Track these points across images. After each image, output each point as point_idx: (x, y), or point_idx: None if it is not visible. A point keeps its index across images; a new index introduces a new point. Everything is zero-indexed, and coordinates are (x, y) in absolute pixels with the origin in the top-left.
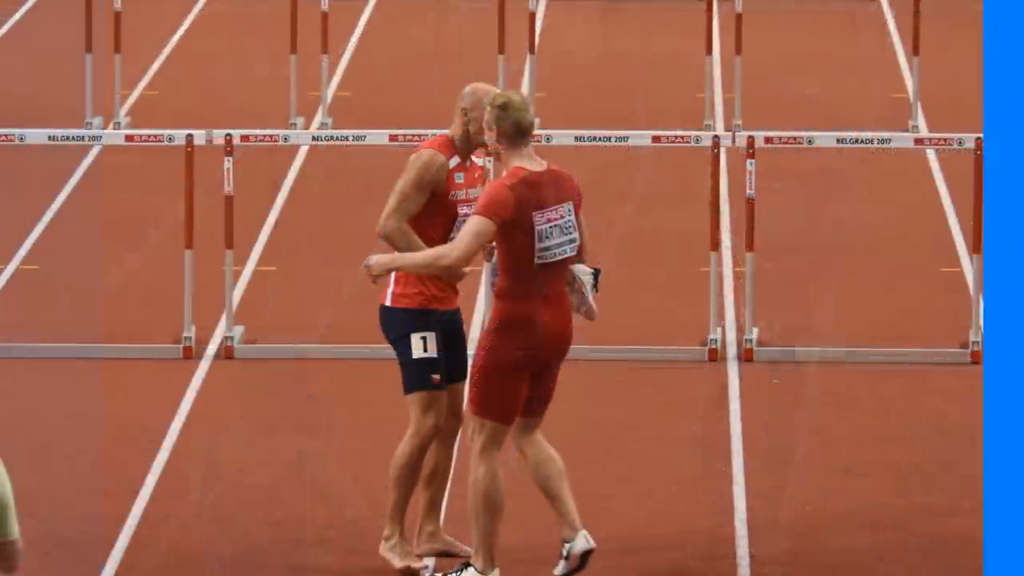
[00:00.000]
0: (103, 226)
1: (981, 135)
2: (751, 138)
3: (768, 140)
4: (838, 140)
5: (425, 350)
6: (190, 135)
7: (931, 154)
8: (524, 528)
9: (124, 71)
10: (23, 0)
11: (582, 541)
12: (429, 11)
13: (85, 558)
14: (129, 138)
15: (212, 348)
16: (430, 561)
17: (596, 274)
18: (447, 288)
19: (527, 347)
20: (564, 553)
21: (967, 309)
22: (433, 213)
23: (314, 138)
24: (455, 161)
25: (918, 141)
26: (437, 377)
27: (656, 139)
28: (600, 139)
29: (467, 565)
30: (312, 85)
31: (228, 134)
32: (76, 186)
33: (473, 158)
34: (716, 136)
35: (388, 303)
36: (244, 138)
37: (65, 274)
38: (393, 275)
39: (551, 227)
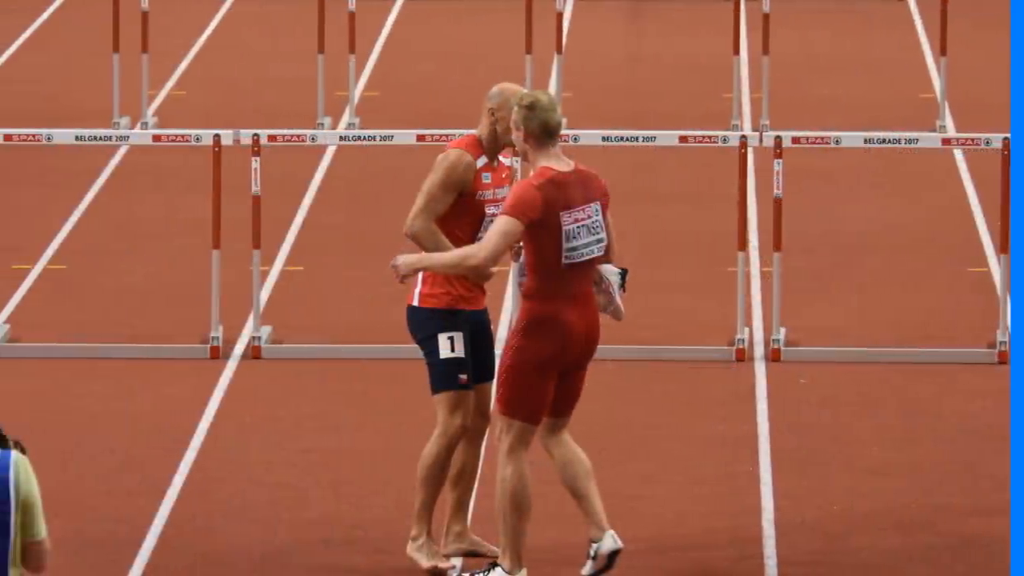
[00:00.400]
0: (130, 226)
1: (1008, 135)
2: (778, 138)
3: (795, 140)
4: (865, 140)
5: (452, 350)
6: (217, 135)
7: (958, 154)
8: (551, 528)
9: (151, 71)
10: (51, 0)
11: (609, 541)
12: (456, 11)
13: (112, 558)
14: (156, 138)
15: (239, 348)
16: (457, 561)
17: (623, 274)
18: (475, 288)
19: (554, 347)
20: (591, 553)
21: (994, 309)
22: (460, 213)
23: (341, 138)
24: (482, 161)
25: (945, 141)
26: (464, 377)
27: (683, 139)
28: (627, 139)
29: (494, 565)
30: (339, 85)
31: (255, 134)
32: (103, 186)
33: (500, 158)
34: (743, 136)
35: (416, 303)
36: (271, 138)
37: (92, 274)
38: (421, 275)
39: (578, 227)
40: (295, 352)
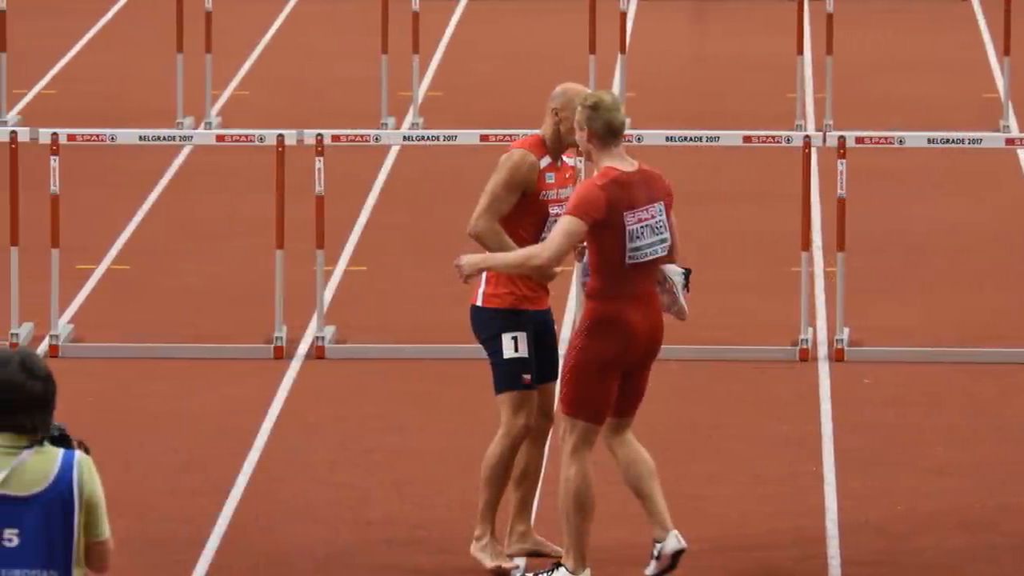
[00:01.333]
0: (193, 226)
1: None
2: (842, 138)
3: (859, 140)
4: (929, 140)
5: (516, 350)
6: (281, 135)
7: (1022, 154)
8: (615, 528)
9: (215, 71)
10: (114, 0)
11: (673, 541)
12: (520, 11)
13: (176, 558)
14: (220, 138)
15: (303, 348)
16: (521, 561)
17: (687, 274)
18: (538, 288)
19: (618, 347)
20: (655, 553)
21: None
22: (524, 213)
23: (405, 138)
24: (546, 161)
25: (1009, 141)
26: (528, 377)
27: (747, 139)
28: (691, 139)
29: (558, 565)
30: (403, 85)
31: (319, 134)
32: (167, 186)
33: (564, 158)
34: (807, 136)
35: (479, 303)
36: (335, 138)
37: (156, 274)
38: (484, 275)
39: (642, 227)
40: (359, 352)
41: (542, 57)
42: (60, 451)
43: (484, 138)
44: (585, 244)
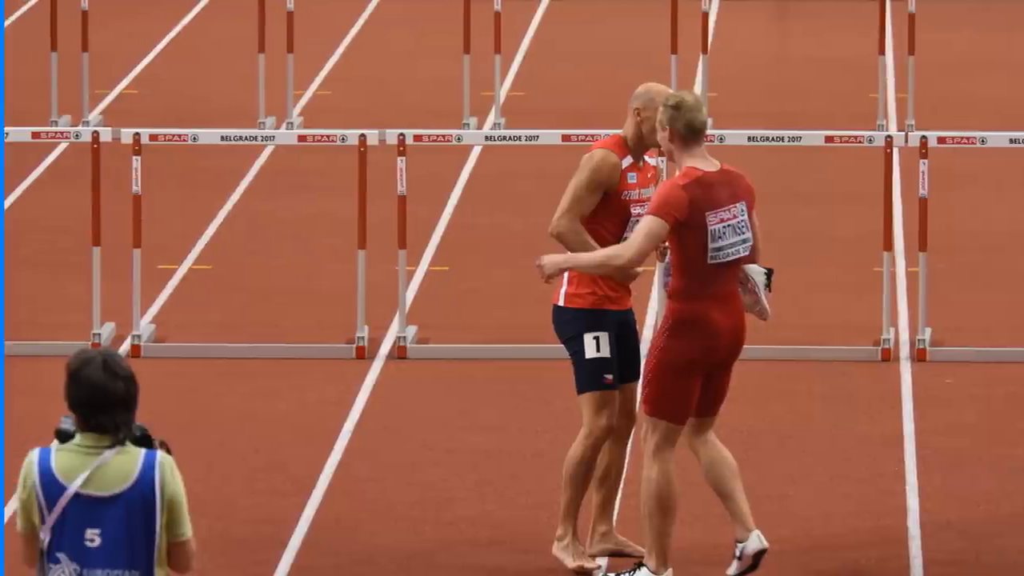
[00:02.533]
0: (275, 226)
1: None
2: (924, 138)
3: (941, 140)
4: (1011, 140)
5: (598, 350)
6: (363, 135)
7: None
8: (697, 528)
9: (297, 71)
10: (196, 0)
11: (755, 541)
12: (602, 11)
13: (258, 558)
14: (302, 138)
15: (385, 348)
16: (603, 561)
17: (769, 274)
18: (620, 288)
19: (700, 347)
20: (737, 553)
21: None
22: (606, 213)
23: (487, 138)
24: (628, 161)
25: None
26: (610, 377)
27: (829, 139)
28: (773, 139)
29: (640, 565)
30: (485, 85)
31: (401, 134)
32: (249, 186)
33: (646, 158)
34: (889, 136)
35: (561, 303)
36: (417, 138)
37: (238, 274)
38: (566, 275)
39: (724, 227)
40: (440, 352)
41: (624, 57)
42: (142, 451)
43: (566, 138)
44: (667, 244)
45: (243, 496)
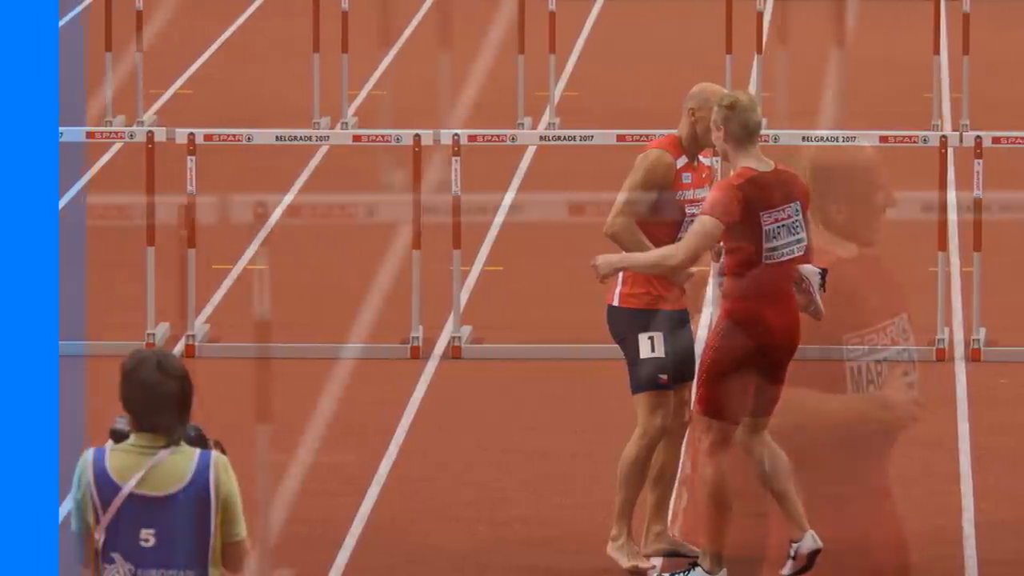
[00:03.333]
0: (331, 226)
1: None
2: (978, 138)
3: (995, 140)
4: None
5: (652, 350)
6: (417, 135)
7: None
8: (751, 528)
9: (351, 71)
10: (251, 0)
11: (809, 541)
12: (656, 11)
13: (313, 558)
14: (356, 138)
15: (440, 348)
16: (657, 561)
17: (823, 274)
18: (674, 288)
19: (754, 347)
20: (791, 553)
21: None
22: (660, 213)
23: (542, 138)
24: (682, 161)
25: None
26: (664, 377)
27: (883, 139)
28: (827, 139)
29: (694, 565)
30: (540, 85)
31: (455, 134)
32: (303, 186)
33: (700, 158)
34: (943, 136)
35: (616, 303)
36: (471, 138)
37: (292, 274)
38: (621, 275)
39: (779, 227)
40: (495, 352)
41: (678, 57)
42: (196, 451)
43: (621, 138)
44: (722, 244)
45: (298, 496)
